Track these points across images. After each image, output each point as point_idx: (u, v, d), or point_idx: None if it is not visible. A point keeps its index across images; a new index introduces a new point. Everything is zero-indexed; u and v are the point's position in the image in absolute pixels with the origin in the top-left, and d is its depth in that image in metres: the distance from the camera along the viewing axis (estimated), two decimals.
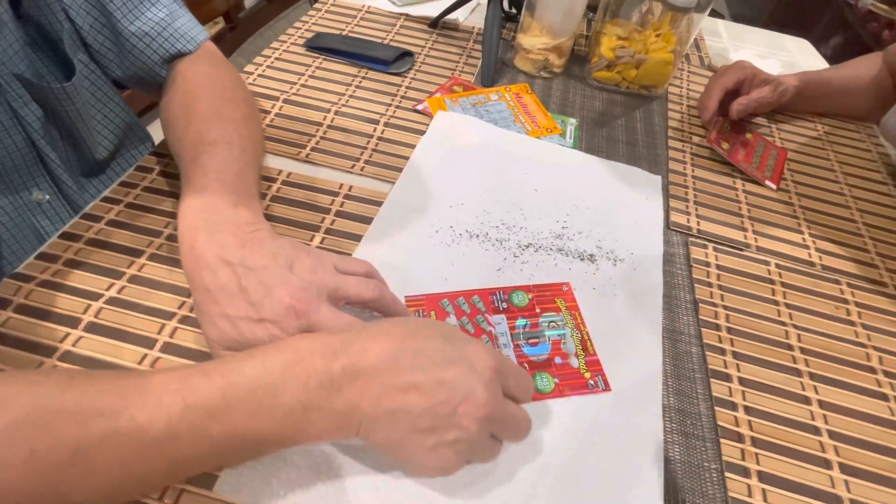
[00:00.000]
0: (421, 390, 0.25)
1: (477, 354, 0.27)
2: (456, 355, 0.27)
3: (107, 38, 0.42)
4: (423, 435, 0.26)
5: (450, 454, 0.26)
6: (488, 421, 0.26)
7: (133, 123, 0.49)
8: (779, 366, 0.38)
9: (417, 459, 0.27)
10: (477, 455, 0.29)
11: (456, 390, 0.26)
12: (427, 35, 0.68)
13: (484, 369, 0.27)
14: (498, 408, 0.27)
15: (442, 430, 0.26)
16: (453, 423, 0.26)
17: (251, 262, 0.30)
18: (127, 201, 0.42)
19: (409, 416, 0.25)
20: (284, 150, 0.49)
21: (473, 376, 0.26)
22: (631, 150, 0.55)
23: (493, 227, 0.44)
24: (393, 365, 0.26)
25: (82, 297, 0.35)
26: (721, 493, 0.31)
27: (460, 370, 0.26)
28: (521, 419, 0.29)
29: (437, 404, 0.25)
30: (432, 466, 0.27)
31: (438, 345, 0.27)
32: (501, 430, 0.28)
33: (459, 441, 0.26)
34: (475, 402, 0.26)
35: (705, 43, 0.76)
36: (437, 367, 0.26)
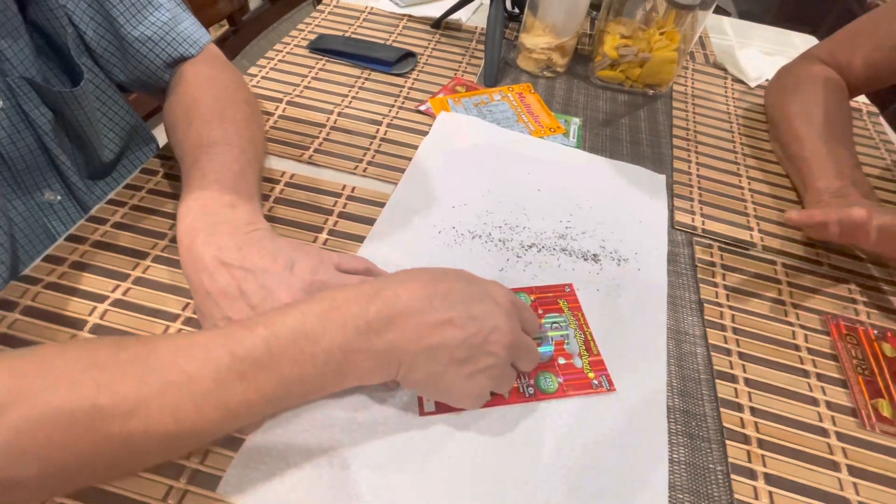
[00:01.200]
0: (455, 325, 0.28)
1: (497, 292, 0.30)
2: (480, 292, 0.30)
3: (110, 43, 0.42)
4: (461, 364, 0.28)
5: (483, 380, 0.29)
6: (513, 347, 0.29)
7: (138, 125, 0.49)
8: (786, 367, 0.37)
9: (457, 388, 0.29)
10: (503, 381, 0.31)
11: (485, 322, 0.28)
12: (430, 36, 0.68)
13: (505, 303, 0.30)
14: (519, 335, 0.30)
15: (476, 358, 0.28)
16: (486, 351, 0.28)
17: (250, 264, 0.30)
18: (132, 203, 0.42)
19: (446, 348, 0.27)
20: (287, 151, 0.49)
21: (498, 310, 0.29)
22: (635, 149, 0.55)
23: (496, 227, 0.44)
24: (427, 305, 0.28)
25: (88, 299, 0.35)
26: (727, 496, 0.31)
27: (486, 305, 0.29)
28: (533, 347, 0.32)
29: (471, 335, 0.28)
30: (468, 393, 0.30)
31: (463, 285, 0.29)
32: (520, 356, 0.31)
33: (492, 367, 0.29)
34: (502, 331, 0.29)
35: (710, 40, 0.76)
36: (466, 304, 0.28)
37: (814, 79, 0.55)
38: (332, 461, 0.29)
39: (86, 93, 0.41)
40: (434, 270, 0.31)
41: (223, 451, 0.29)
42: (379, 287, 0.28)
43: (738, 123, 0.60)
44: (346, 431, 0.31)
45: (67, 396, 0.22)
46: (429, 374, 0.28)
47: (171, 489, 0.28)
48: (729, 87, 0.66)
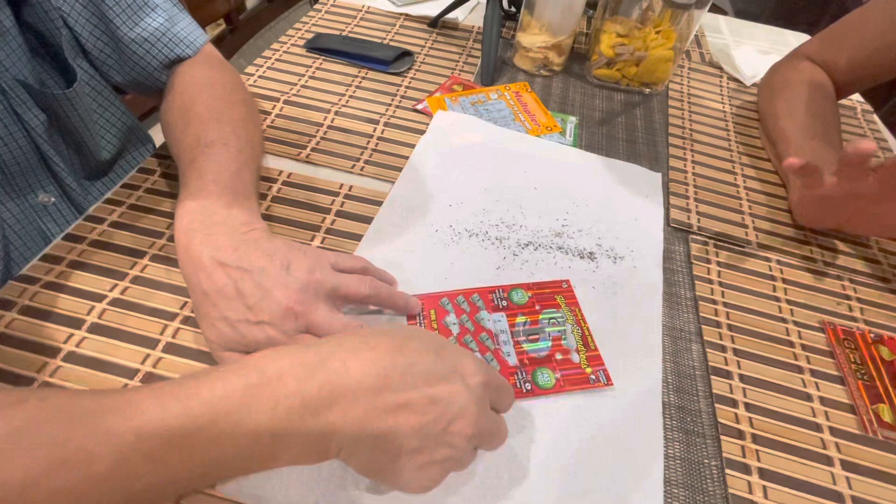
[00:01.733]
0: (412, 409, 0.24)
1: (467, 368, 0.26)
2: (447, 370, 0.25)
3: (106, 45, 0.42)
4: (411, 455, 0.24)
5: (436, 472, 0.25)
6: (477, 436, 0.26)
7: (134, 126, 0.49)
8: (780, 363, 0.38)
9: (403, 480, 0.25)
10: (460, 467, 0.27)
11: (448, 408, 0.24)
12: (427, 34, 0.68)
13: (475, 385, 0.26)
14: (486, 423, 0.26)
15: (431, 449, 0.24)
16: (444, 442, 0.24)
17: (247, 264, 0.30)
18: (129, 203, 0.42)
19: (397, 437, 0.24)
20: (285, 150, 0.49)
21: (466, 392, 0.25)
22: (631, 147, 0.55)
23: (493, 225, 0.45)
24: (381, 383, 0.24)
25: (86, 298, 0.36)
26: (721, 490, 0.31)
27: (452, 386, 0.25)
28: (502, 431, 0.28)
29: (430, 422, 0.24)
30: (417, 486, 0.26)
31: (429, 359, 0.25)
32: (485, 441, 0.27)
33: (449, 459, 0.25)
34: (468, 419, 0.25)
35: (706, 39, 0.76)
36: (428, 383, 0.24)
37: (800, 78, 0.55)
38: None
39: (80, 94, 0.41)
40: (396, 335, 0.26)
41: None
42: (325, 356, 0.24)
43: (734, 122, 0.61)
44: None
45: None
46: (371, 463, 0.24)
47: None
48: (724, 86, 0.67)
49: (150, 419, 0.22)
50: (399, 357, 0.25)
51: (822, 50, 0.56)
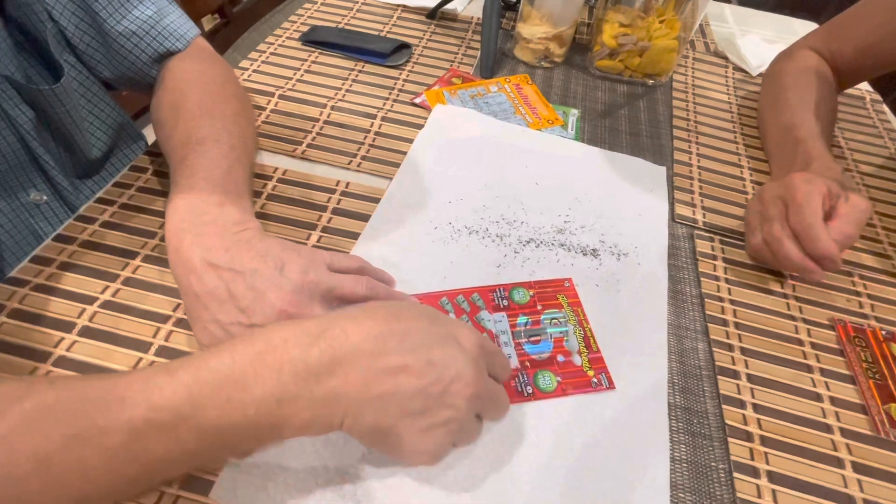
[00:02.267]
0: (411, 371, 0.24)
1: (462, 333, 0.27)
2: (443, 335, 0.26)
3: (93, 39, 0.41)
4: (415, 417, 0.25)
5: (441, 435, 0.26)
6: (477, 398, 0.26)
7: (125, 123, 0.48)
8: (788, 361, 0.37)
9: (409, 444, 0.25)
10: (464, 435, 0.28)
11: (446, 369, 0.25)
12: (425, 26, 0.66)
13: (471, 348, 0.26)
14: (485, 385, 0.27)
15: (434, 411, 0.25)
16: (445, 403, 0.25)
17: (239, 265, 0.29)
18: (121, 202, 0.41)
19: (399, 398, 0.24)
20: (280, 146, 0.48)
21: (462, 355, 0.26)
22: (634, 140, 0.54)
23: (494, 222, 0.43)
24: (380, 347, 0.24)
25: (77, 300, 0.35)
26: (729, 494, 0.30)
27: (448, 350, 0.26)
28: (502, 396, 0.29)
29: (429, 384, 0.25)
30: (423, 450, 0.26)
31: (424, 325, 0.26)
32: (486, 407, 0.28)
33: (451, 421, 0.25)
34: (465, 380, 0.25)
35: (711, 28, 0.74)
36: (426, 347, 0.25)
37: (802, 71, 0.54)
38: (327, 464, 0.29)
39: (67, 90, 0.39)
40: (392, 306, 0.28)
41: None
42: (325, 325, 0.25)
43: (740, 113, 0.59)
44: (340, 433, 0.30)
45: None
46: (376, 426, 0.25)
47: (163, 494, 0.27)
48: (730, 76, 0.65)
49: (163, 389, 0.22)
50: (396, 324, 0.26)
51: (827, 39, 0.55)
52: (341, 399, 0.24)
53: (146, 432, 0.22)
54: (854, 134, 0.59)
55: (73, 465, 0.21)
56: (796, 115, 0.49)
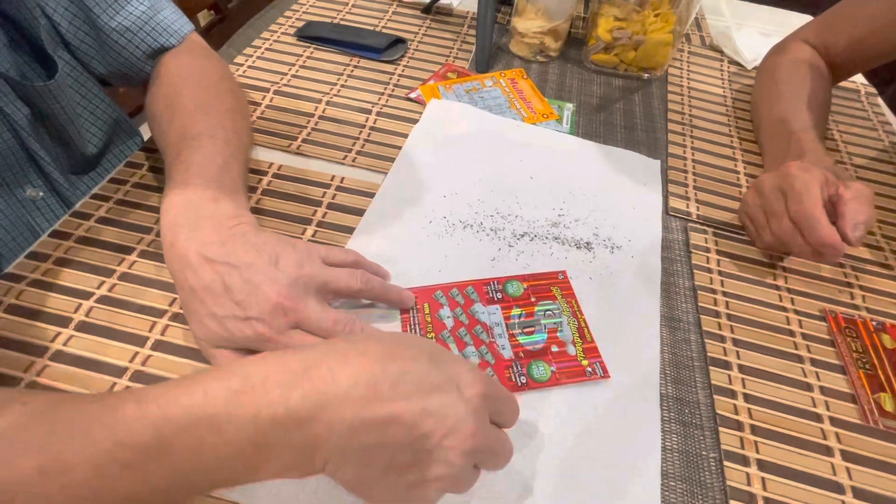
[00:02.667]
0: (402, 422, 0.22)
1: (464, 377, 0.24)
2: (442, 379, 0.23)
3: (87, 35, 0.41)
4: (402, 471, 0.22)
5: (430, 492, 0.23)
6: (475, 452, 0.23)
7: (120, 119, 0.48)
8: (780, 352, 0.37)
9: (393, 498, 0.23)
10: (458, 487, 0.25)
11: (443, 420, 0.22)
12: (420, 21, 0.66)
13: (472, 396, 0.24)
14: (486, 438, 0.24)
15: (424, 466, 0.22)
16: (439, 458, 0.22)
17: (234, 259, 0.29)
18: (117, 198, 0.41)
19: (387, 451, 0.22)
20: (275, 142, 0.48)
21: (461, 405, 0.23)
22: (629, 134, 0.54)
23: (488, 216, 0.44)
24: (370, 393, 0.22)
25: (73, 296, 0.35)
26: (720, 482, 0.31)
27: (447, 397, 0.23)
28: (506, 448, 0.26)
29: (421, 437, 0.22)
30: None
31: (422, 367, 0.23)
32: (486, 460, 0.25)
33: (443, 478, 0.23)
34: (463, 433, 0.22)
35: (706, 22, 0.74)
36: (422, 394, 0.22)
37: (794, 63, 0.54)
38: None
39: (62, 86, 0.40)
40: (388, 341, 0.25)
41: None
42: (311, 362, 0.22)
43: (734, 107, 0.59)
44: None
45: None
46: (358, 479, 0.23)
47: None
48: (725, 70, 0.65)
49: (129, 426, 0.21)
50: (390, 365, 0.23)
51: (821, 32, 0.55)
52: (322, 447, 0.22)
53: (111, 469, 0.20)
54: (849, 127, 0.59)
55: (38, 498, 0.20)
56: (789, 107, 0.49)
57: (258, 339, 0.29)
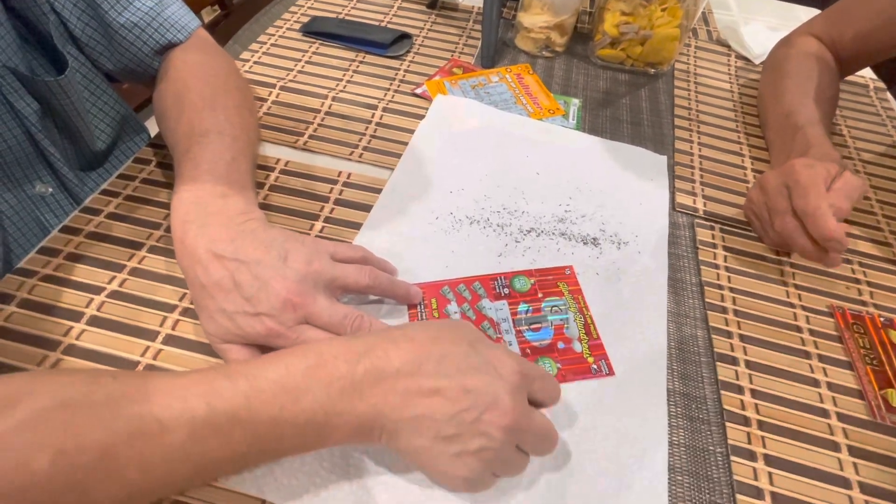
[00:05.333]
0: (445, 396, 0.25)
1: (502, 360, 0.27)
2: (481, 361, 0.26)
3: (95, 31, 0.41)
4: (447, 442, 0.25)
5: (474, 463, 0.25)
6: (514, 430, 0.25)
7: (128, 115, 0.48)
8: (787, 348, 0.37)
9: (441, 468, 0.26)
10: (504, 467, 0.27)
11: (481, 397, 0.25)
12: (425, 16, 0.66)
13: (510, 375, 0.26)
14: (523, 416, 0.26)
15: (466, 438, 0.25)
16: (478, 431, 0.25)
17: (244, 255, 0.30)
18: (126, 193, 0.42)
19: (433, 422, 0.25)
20: (282, 138, 0.48)
21: (499, 383, 0.26)
22: (636, 130, 0.54)
23: (495, 212, 0.44)
24: (416, 370, 0.25)
25: (84, 290, 0.35)
26: (726, 477, 0.31)
27: (485, 377, 0.26)
28: (547, 428, 0.27)
29: (462, 411, 0.25)
30: (456, 476, 0.26)
31: (463, 350, 0.26)
32: (527, 440, 0.27)
33: (484, 450, 0.25)
34: (500, 409, 0.25)
35: (713, 16, 0.74)
36: (462, 373, 0.26)
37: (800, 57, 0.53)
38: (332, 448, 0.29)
39: (72, 82, 0.40)
40: (432, 328, 0.28)
41: None
42: (370, 344, 0.26)
43: (742, 102, 0.59)
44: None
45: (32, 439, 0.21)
46: (412, 447, 0.26)
47: None
48: (732, 65, 0.65)
49: (223, 394, 0.24)
50: (434, 347, 0.26)
51: (828, 25, 0.55)
52: (379, 416, 0.25)
53: (204, 434, 0.23)
54: (857, 122, 0.58)
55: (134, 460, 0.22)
56: (795, 101, 0.49)
57: (268, 334, 0.29)
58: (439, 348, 0.26)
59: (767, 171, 0.43)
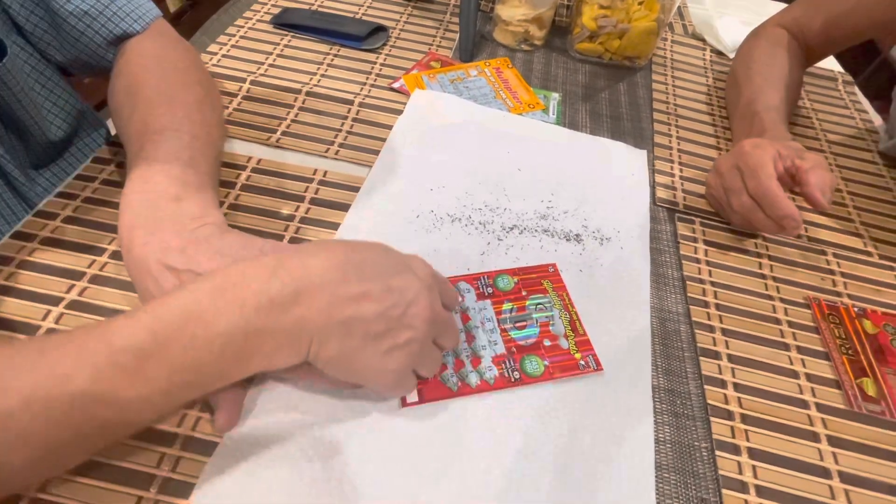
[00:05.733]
0: (372, 297, 0.26)
1: (416, 264, 0.29)
2: (398, 264, 0.28)
3: (41, 19, 0.38)
4: (377, 340, 0.26)
5: (402, 356, 0.27)
6: (434, 322, 0.28)
7: (85, 110, 0.45)
8: (767, 340, 0.37)
9: (373, 365, 0.27)
10: (425, 360, 0.29)
11: (403, 295, 0.27)
12: (401, 8, 0.64)
13: (425, 276, 0.29)
14: (439, 309, 0.29)
15: (395, 332, 0.27)
16: (405, 324, 0.27)
17: (197, 266, 0.28)
18: (84, 196, 0.39)
19: (362, 322, 0.26)
20: (253, 135, 0.46)
21: (417, 282, 0.28)
22: (615, 124, 0.54)
23: (476, 209, 0.43)
24: (340, 276, 0.26)
25: (41, 302, 0.33)
26: (712, 472, 0.31)
27: (405, 277, 0.28)
28: (454, 323, 0.31)
29: (389, 308, 0.26)
30: (387, 369, 0.27)
31: (380, 255, 0.28)
32: (441, 332, 0.29)
33: (411, 342, 0.27)
34: (422, 304, 0.27)
35: (688, 10, 0.74)
36: (384, 275, 0.27)
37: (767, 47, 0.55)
38: (311, 460, 0.28)
39: (13, 71, 0.36)
40: (347, 241, 0.29)
41: (196, 457, 0.28)
42: (282, 258, 0.26)
43: (717, 95, 0.60)
44: (324, 428, 0.29)
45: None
46: (342, 350, 0.26)
47: (140, 500, 0.26)
48: (707, 58, 0.65)
49: (122, 332, 0.22)
50: (353, 254, 0.27)
51: (796, 15, 0.56)
52: (307, 327, 0.25)
53: (111, 375, 0.22)
54: (827, 115, 0.60)
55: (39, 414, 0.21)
56: (757, 89, 0.50)
57: None
58: (358, 255, 0.27)
59: (721, 155, 0.44)
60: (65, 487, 0.26)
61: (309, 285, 0.25)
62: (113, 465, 0.27)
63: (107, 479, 0.27)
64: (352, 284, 0.26)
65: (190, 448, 0.28)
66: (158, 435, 0.28)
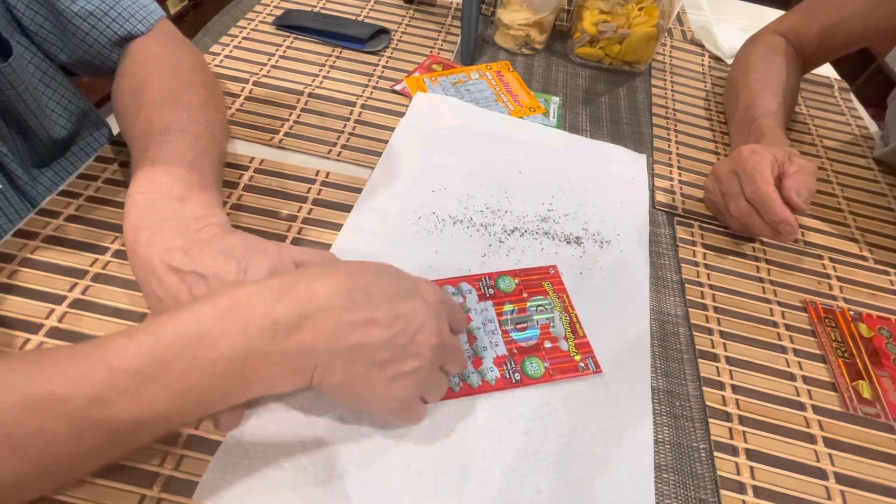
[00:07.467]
0: (379, 324, 0.25)
1: (425, 289, 0.28)
2: (406, 289, 0.27)
3: (46, 20, 0.38)
4: (383, 367, 0.26)
5: (408, 384, 0.27)
6: (440, 348, 0.27)
7: (87, 110, 0.45)
8: (764, 343, 0.38)
9: (378, 392, 0.26)
10: (431, 387, 0.29)
11: (411, 321, 0.26)
12: (403, 11, 0.65)
13: (433, 301, 0.28)
14: (447, 336, 0.28)
15: (401, 360, 0.26)
16: (411, 352, 0.26)
17: (200, 267, 0.28)
18: (87, 195, 0.39)
19: (369, 349, 0.25)
20: (256, 135, 0.46)
21: (425, 308, 0.27)
22: (615, 128, 0.54)
23: (478, 211, 0.43)
24: (346, 300, 0.25)
25: (43, 300, 0.33)
26: (710, 473, 0.31)
27: (413, 302, 0.27)
28: (460, 349, 0.31)
29: (395, 335, 0.26)
30: (392, 398, 0.27)
31: (387, 280, 0.27)
32: (449, 359, 0.29)
33: (418, 370, 0.27)
34: (429, 330, 0.27)
35: (687, 16, 0.75)
36: (391, 301, 0.26)
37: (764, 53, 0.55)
38: (314, 460, 0.28)
39: (18, 71, 0.37)
40: (353, 263, 0.28)
41: (199, 456, 0.28)
42: (289, 282, 0.25)
43: (715, 101, 0.60)
44: (328, 429, 0.30)
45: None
46: (347, 377, 0.25)
47: (143, 498, 0.26)
48: (706, 64, 0.66)
49: (122, 353, 0.22)
50: (360, 279, 0.26)
51: (793, 22, 0.57)
52: (312, 352, 0.24)
53: (109, 396, 0.21)
54: (823, 121, 0.61)
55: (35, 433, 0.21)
56: (754, 95, 0.51)
57: None
58: (365, 279, 0.26)
59: (719, 160, 0.44)
60: None
61: (315, 310, 0.24)
62: (116, 464, 0.27)
63: (110, 478, 0.27)
64: (358, 310, 0.25)
65: (193, 447, 0.28)
66: None
